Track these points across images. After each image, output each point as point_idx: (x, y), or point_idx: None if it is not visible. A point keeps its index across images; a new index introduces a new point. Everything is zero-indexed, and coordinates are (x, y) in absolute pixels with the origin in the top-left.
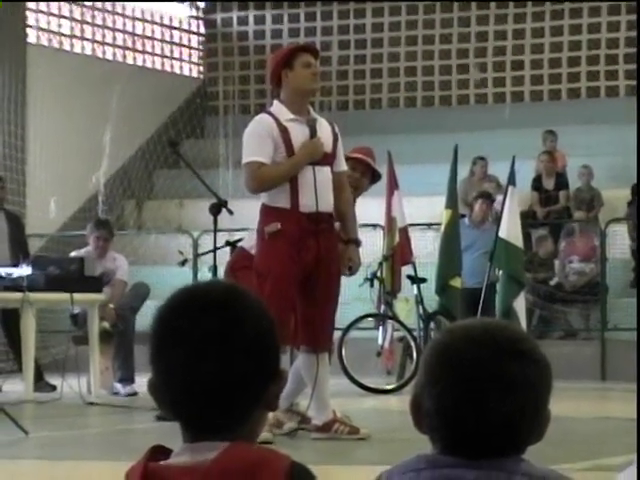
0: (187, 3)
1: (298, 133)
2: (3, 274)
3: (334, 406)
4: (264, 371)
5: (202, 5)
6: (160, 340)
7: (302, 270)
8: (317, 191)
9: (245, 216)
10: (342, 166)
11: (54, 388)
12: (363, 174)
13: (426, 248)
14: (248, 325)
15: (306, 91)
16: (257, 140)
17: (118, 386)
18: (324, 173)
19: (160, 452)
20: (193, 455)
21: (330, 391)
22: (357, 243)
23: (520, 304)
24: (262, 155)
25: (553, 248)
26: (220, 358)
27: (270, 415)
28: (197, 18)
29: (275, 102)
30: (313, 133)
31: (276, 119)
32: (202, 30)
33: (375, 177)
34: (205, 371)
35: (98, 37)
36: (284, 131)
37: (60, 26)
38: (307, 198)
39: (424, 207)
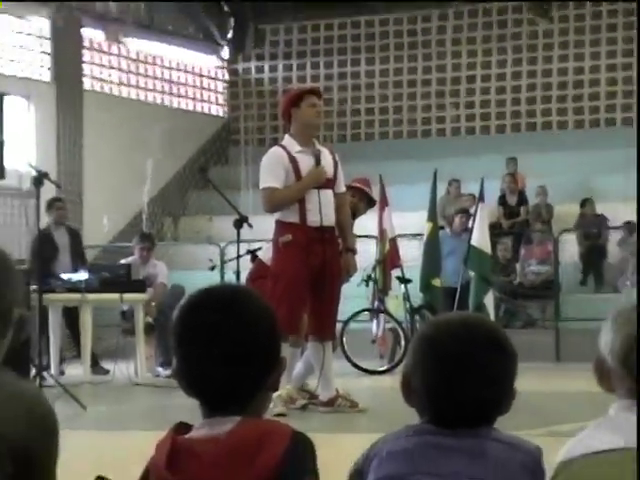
0: (214, 55)
1: (305, 162)
2: (65, 278)
3: (337, 384)
4: (267, 361)
5: (226, 57)
6: (179, 335)
7: (311, 272)
8: (321, 209)
9: (263, 229)
10: (342, 188)
11: (107, 372)
12: (360, 200)
13: (412, 254)
14: (253, 321)
15: (311, 126)
16: (271, 169)
17: (159, 369)
18: (327, 195)
19: (183, 427)
20: (211, 428)
21: (334, 372)
22: (354, 251)
23: (489, 299)
24: (275, 181)
25: (513, 253)
26: (228, 350)
27: (284, 393)
28: (222, 68)
29: (286, 136)
30: (318, 162)
31: (287, 151)
32: (226, 77)
33: (371, 202)
34: (216, 361)
35: (141, 84)
36: (293, 161)
37: (110, 75)
38: (313, 215)
39: (410, 220)
